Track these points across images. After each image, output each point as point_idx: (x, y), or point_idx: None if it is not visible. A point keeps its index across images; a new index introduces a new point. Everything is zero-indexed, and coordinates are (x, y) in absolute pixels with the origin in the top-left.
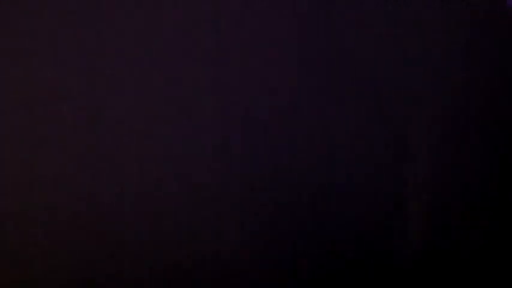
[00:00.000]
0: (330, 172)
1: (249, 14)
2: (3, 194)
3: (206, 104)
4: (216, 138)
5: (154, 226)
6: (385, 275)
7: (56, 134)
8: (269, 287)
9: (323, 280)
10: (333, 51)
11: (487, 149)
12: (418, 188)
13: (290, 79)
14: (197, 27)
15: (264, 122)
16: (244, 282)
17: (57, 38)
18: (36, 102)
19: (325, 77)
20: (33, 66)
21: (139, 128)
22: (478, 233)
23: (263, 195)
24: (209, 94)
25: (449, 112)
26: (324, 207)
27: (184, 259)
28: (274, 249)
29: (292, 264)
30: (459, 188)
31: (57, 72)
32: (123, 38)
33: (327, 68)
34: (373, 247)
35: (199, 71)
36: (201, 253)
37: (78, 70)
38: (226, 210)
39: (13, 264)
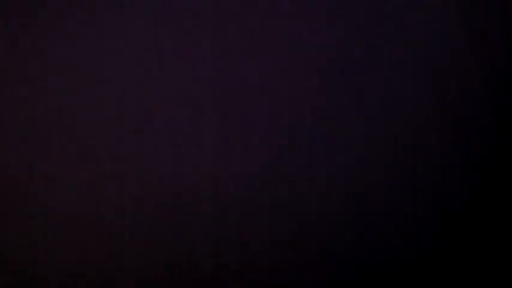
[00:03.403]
0: (330, 172)
1: (249, 14)
2: (4, 194)
3: (206, 104)
4: (216, 138)
5: (154, 226)
6: (385, 276)
7: (56, 134)
8: (269, 287)
9: (323, 280)
10: (333, 51)
11: (487, 149)
12: (418, 187)
13: (291, 79)
14: (197, 27)
15: (265, 122)
16: (245, 282)
17: (57, 38)
18: (36, 102)
19: (326, 77)
20: (33, 66)
21: (139, 127)
22: (478, 233)
23: (263, 195)
24: (209, 94)
25: (449, 111)
26: (324, 207)
27: (184, 259)
28: (274, 249)
29: (292, 265)
30: (459, 187)
31: (57, 72)
32: (122, 38)
33: (327, 68)
34: (373, 247)
35: (199, 71)
36: (201, 253)
37: (78, 70)
38: (226, 210)
39: (13, 265)
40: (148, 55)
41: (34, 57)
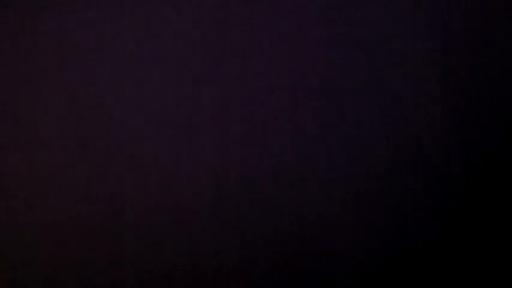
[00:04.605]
0: (331, 172)
1: (249, 14)
2: (4, 194)
3: (206, 104)
4: (216, 138)
5: (154, 226)
6: (384, 275)
7: (56, 134)
8: (268, 287)
9: (322, 280)
10: (333, 51)
11: (487, 149)
12: (418, 187)
13: (290, 79)
14: (198, 27)
15: (264, 122)
16: (244, 282)
17: (58, 38)
18: (37, 102)
19: (325, 77)
20: (33, 66)
21: (139, 128)
22: (478, 232)
23: (262, 195)
24: (209, 94)
25: (449, 112)
26: (323, 207)
27: (185, 259)
28: (274, 250)
29: (291, 265)
30: (459, 187)
31: (58, 72)
32: (123, 38)
33: (327, 68)
34: (373, 247)
35: (199, 71)
36: (201, 253)
37: (78, 70)
38: (226, 210)
39: (13, 264)
40: (148, 55)
41: (34, 57)
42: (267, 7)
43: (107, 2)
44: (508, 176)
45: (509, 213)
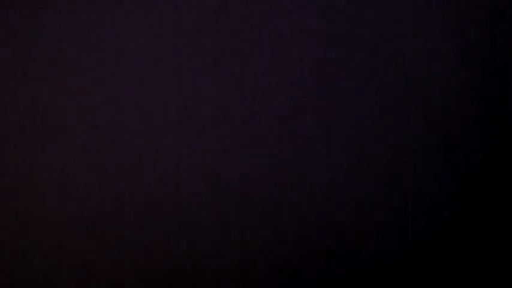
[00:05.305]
0: (330, 172)
1: (249, 14)
2: (3, 194)
3: (206, 104)
4: (216, 138)
5: (154, 226)
6: (384, 275)
7: (56, 134)
8: (268, 287)
9: (322, 280)
10: (333, 51)
11: (487, 149)
12: (418, 187)
13: (290, 79)
14: (198, 27)
15: (264, 121)
16: (244, 282)
17: (58, 38)
18: (37, 102)
19: (326, 77)
20: (33, 66)
21: (139, 128)
22: (478, 233)
23: (262, 195)
24: (209, 94)
25: (449, 112)
26: (323, 207)
27: (185, 259)
28: (274, 250)
29: (291, 265)
30: (458, 188)
31: (58, 72)
32: (123, 38)
33: (327, 67)
34: (373, 247)
35: (199, 71)
36: (201, 253)
37: (78, 70)
38: (226, 210)
39: (13, 264)
40: (148, 55)
41: (34, 57)
42: (267, 7)
43: (107, 2)
44: (508, 176)
45: (510, 213)
